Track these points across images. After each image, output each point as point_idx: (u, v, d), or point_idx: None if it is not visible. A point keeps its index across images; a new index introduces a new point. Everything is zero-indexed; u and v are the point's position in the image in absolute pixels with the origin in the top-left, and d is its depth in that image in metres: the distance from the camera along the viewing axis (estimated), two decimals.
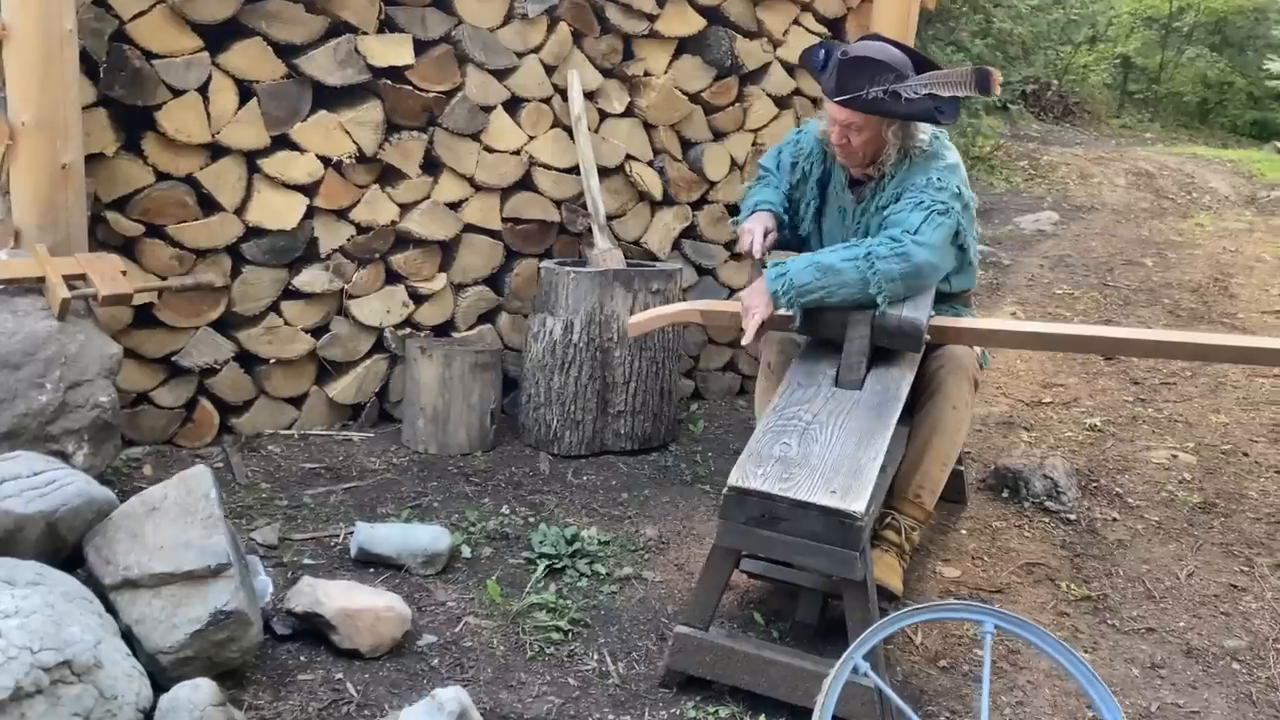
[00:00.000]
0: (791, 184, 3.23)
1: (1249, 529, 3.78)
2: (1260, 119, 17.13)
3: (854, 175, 3.10)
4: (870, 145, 2.95)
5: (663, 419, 4.02)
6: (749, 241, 3.07)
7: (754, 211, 3.16)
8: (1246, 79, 17.62)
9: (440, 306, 4.07)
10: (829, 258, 2.82)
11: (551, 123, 4.08)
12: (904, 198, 2.93)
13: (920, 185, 2.92)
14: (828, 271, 2.79)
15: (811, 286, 2.79)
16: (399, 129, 3.84)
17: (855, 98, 2.86)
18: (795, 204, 3.25)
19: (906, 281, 2.79)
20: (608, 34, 4.11)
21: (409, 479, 3.64)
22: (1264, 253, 8.64)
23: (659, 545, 3.33)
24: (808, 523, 2.41)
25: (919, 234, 2.83)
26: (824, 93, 2.96)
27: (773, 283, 2.82)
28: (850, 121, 2.90)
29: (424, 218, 3.93)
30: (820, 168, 3.17)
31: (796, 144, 3.27)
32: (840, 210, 3.15)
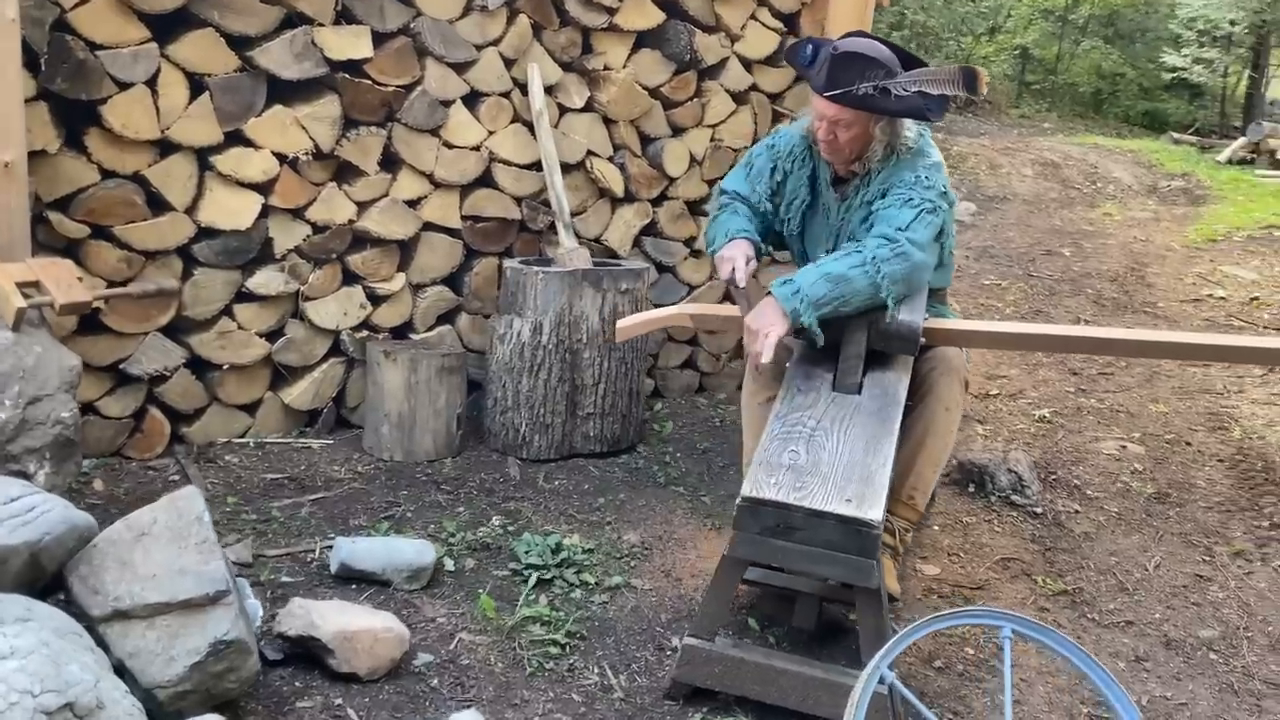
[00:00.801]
0: (772, 190, 3.18)
1: (1203, 518, 3.89)
2: (1151, 109, 17.79)
3: (838, 173, 3.08)
4: (857, 142, 2.93)
5: (631, 420, 3.96)
6: (729, 269, 3.01)
7: (732, 239, 3.09)
8: (1137, 70, 18.27)
9: (399, 308, 3.94)
10: (836, 267, 2.78)
11: (511, 118, 3.98)
12: (891, 194, 2.91)
13: (909, 182, 2.91)
14: (839, 281, 2.75)
15: (827, 298, 2.74)
16: (357, 124, 3.70)
17: (845, 93, 2.82)
18: (776, 209, 3.21)
19: (908, 281, 2.80)
20: (567, 27, 4.02)
21: (378, 488, 3.52)
22: (1172, 242, 8.94)
23: (643, 551, 3.28)
24: (824, 532, 2.38)
25: (911, 231, 2.82)
26: (812, 88, 2.92)
27: (789, 300, 2.75)
28: (839, 117, 2.87)
29: (382, 216, 3.80)
30: (808, 165, 3.13)
31: (772, 148, 3.23)
32: (825, 208, 3.13)
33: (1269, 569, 3.54)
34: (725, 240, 3.10)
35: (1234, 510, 3.98)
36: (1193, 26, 15.33)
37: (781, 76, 4.47)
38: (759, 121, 4.44)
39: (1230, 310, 6.92)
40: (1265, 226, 9.23)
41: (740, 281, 2.98)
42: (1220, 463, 4.45)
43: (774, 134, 3.26)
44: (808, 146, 3.13)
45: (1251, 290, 7.42)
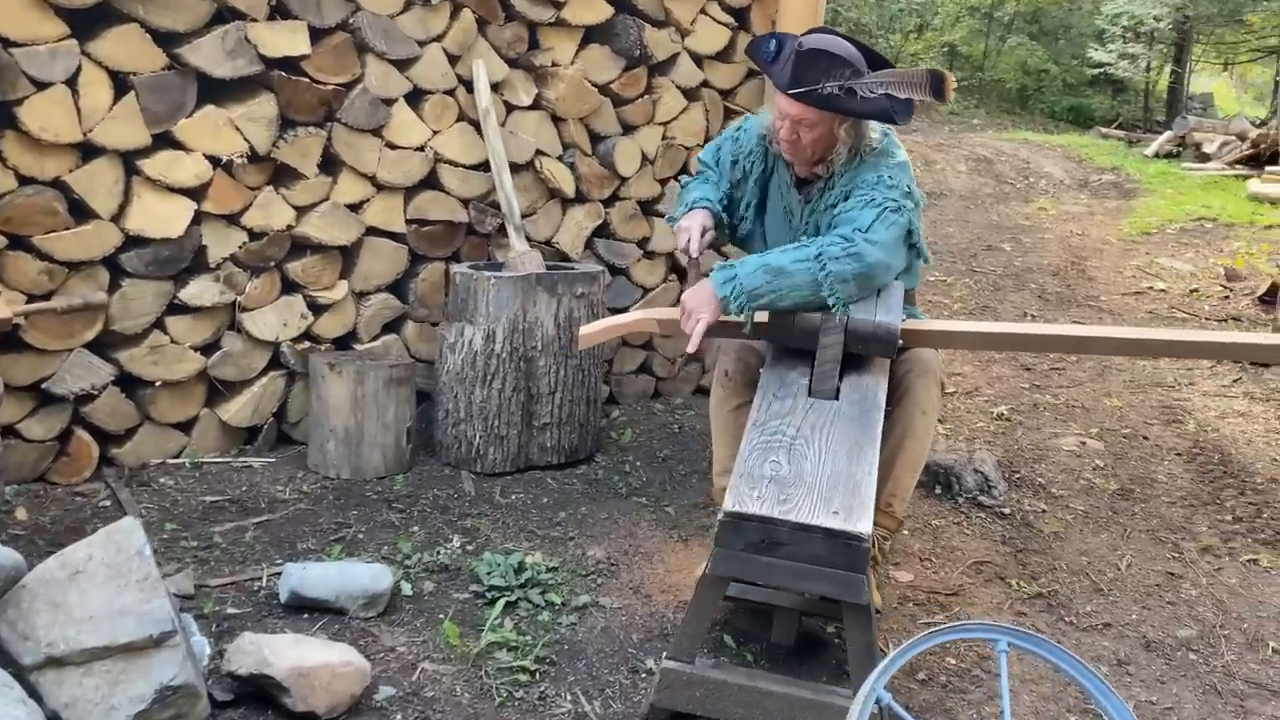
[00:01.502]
0: (732, 183, 3.06)
1: (1167, 514, 3.86)
2: (1076, 105, 18.07)
3: (800, 174, 2.96)
4: (821, 143, 2.80)
5: (589, 429, 3.81)
6: (685, 240, 2.87)
7: (691, 208, 2.97)
8: (1061, 67, 18.56)
9: (341, 317, 3.76)
10: (779, 259, 2.65)
11: (456, 116, 3.81)
12: (854, 195, 2.79)
13: (871, 183, 2.78)
14: (778, 274, 2.62)
15: (762, 290, 2.62)
16: (294, 125, 3.50)
17: (810, 92, 2.70)
18: (735, 203, 3.09)
19: (859, 282, 2.66)
20: (513, 22, 3.87)
21: (326, 509, 3.33)
22: (1108, 235, 9.03)
23: (609, 568, 3.13)
24: (811, 546, 2.26)
25: (870, 232, 2.69)
26: (775, 85, 2.79)
27: (721, 287, 2.63)
28: (802, 117, 2.74)
29: (323, 221, 3.61)
30: (761, 165, 3.01)
31: (736, 140, 3.09)
32: (785, 210, 3.01)
33: (1237, 564, 3.51)
34: (685, 210, 2.97)
35: (1197, 505, 3.96)
36: (1117, 22, 15.60)
37: (733, 72, 4.36)
38: (711, 118, 4.32)
39: (1172, 302, 6.98)
40: (1196, 219, 9.37)
41: (694, 251, 2.85)
42: (1179, 456, 4.44)
43: (743, 121, 3.12)
44: (765, 148, 3.00)
45: (1189, 282, 7.50)
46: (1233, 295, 7.03)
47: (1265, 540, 3.70)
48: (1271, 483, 4.18)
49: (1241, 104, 20.83)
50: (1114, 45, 15.72)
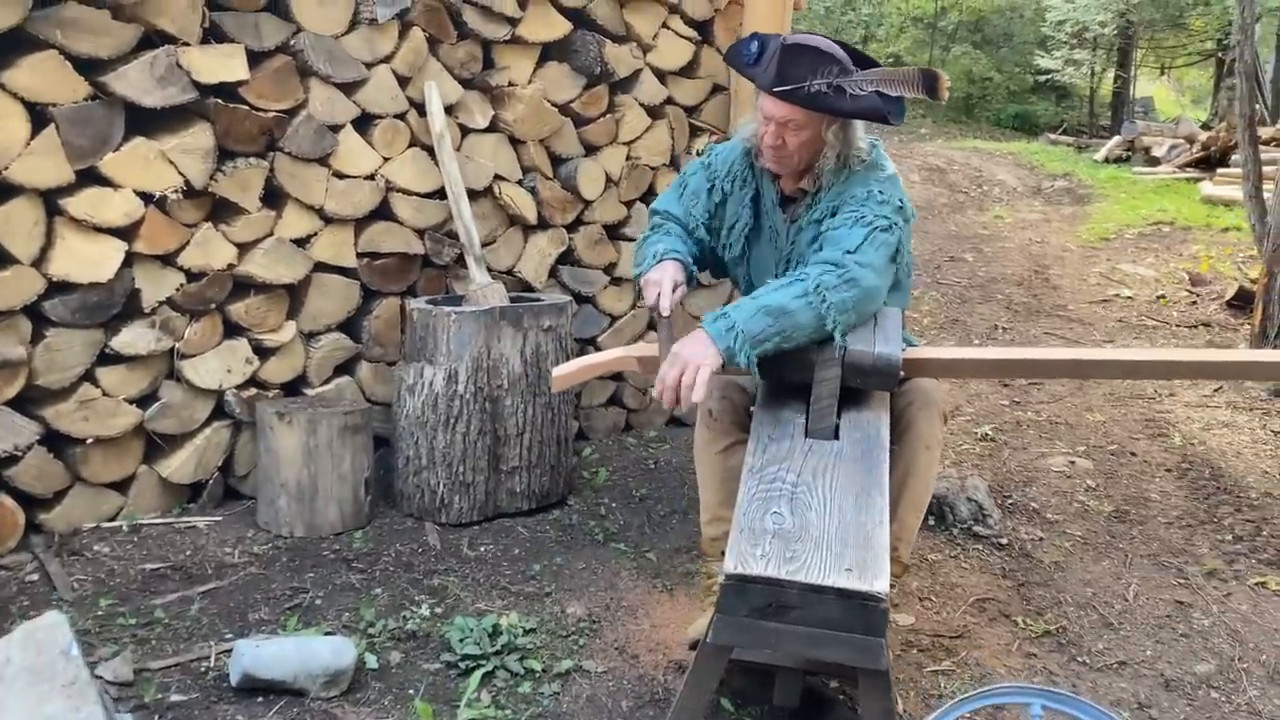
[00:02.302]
0: (710, 211, 2.85)
1: (1167, 536, 3.70)
2: (1021, 112, 18.15)
3: (786, 192, 2.76)
4: (808, 148, 2.60)
5: (560, 471, 3.58)
6: (654, 295, 2.64)
7: (660, 259, 2.73)
8: (1005, 74, 18.65)
9: (289, 360, 3.49)
10: (776, 298, 2.43)
11: (409, 141, 3.57)
12: (842, 212, 2.59)
13: (860, 198, 2.59)
14: (780, 315, 2.40)
15: (765, 334, 2.39)
16: (233, 156, 3.25)
17: (797, 90, 2.50)
18: (715, 232, 2.88)
19: (858, 309, 2.47)
20: (466, 40, 3.64)
21: (279, 572, 3.06)
22: (1067, 242, 8.96)
23: (591, 626, 2.89)
24: (823, 609, 2.04)
25: (860, 254, 2.49)
26: (759, 86, 2.59)
27: (722, 338, 2.39)
28: (789, 118, 2.54)
29: (267, 258, 3.35)
30: (750, 185, 2.80)
31: (707, 167, 2.88)
32: (772, 230, 2.80)
33: (1245, 588, 3.35)
34: (652, 262, 2.73)
35: (1195, 525, 3.80)
36: (1062, 29, 15.68)
37: (698, 88, 4.16)
38: (676, 137, 4.12)
39: (1140, 310, 6.89)
40: (1153, 223, 9.34)
41: (665, 309, 2.62)
42: (1169, 472, 4.29)
43: (709, 151, 2.91)
44: (749, 164, 2.80)
45: (1154, 288, 7.42)
46: (1200, 300, 6.95)
47: (1269, 560, 3.55)
48: (1267, 498, 4.04)
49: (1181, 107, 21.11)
50: (1059, 51, 15.80)
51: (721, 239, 2.87)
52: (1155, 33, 16.10)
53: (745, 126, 2.79)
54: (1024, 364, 2.76)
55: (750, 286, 2.87)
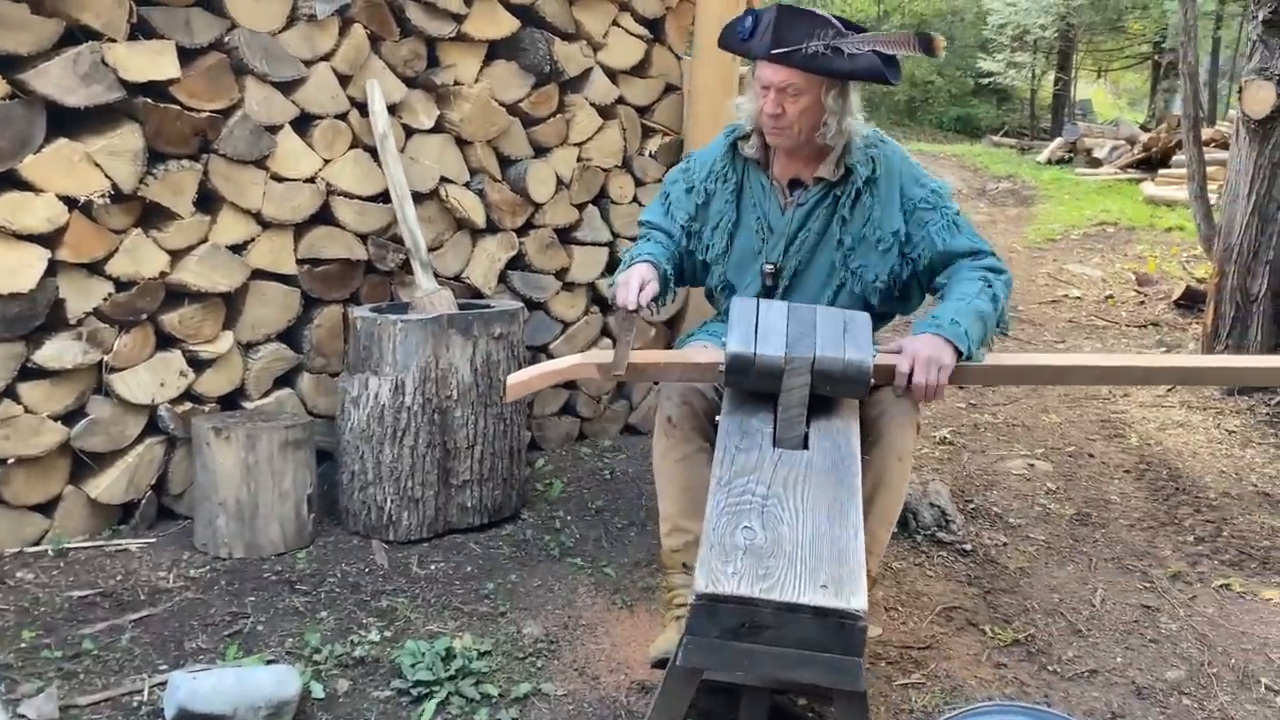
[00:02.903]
0: (690, 214, 2.83)
1: (1129, 538, 3.66)
2: (962, 114, 18.32)
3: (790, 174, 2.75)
4: (808, 115, 2.61)
5: (513, 484, 3.45)
6: (624, 294, 2.59)
7: (633, 263, 2.71)
8: (946, 78, 18.81)
9: (227, 372, 3.32)
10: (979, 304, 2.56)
11: (350, 143, 3.42)
12: (925, 220, 2.69)
13: (930, 201, 2.71)
14: (987, 319, 2.57)
15: (984, 338, 2.58)
16: (164, 158, 3.08)
17: (795, 52, 2.52)
18: (697, 235, 2.85)
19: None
20: (409, 37, 3.50)
21: (217, 597, 2.90)
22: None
23: (549, 647, 2.77)
24: (798, 629, 1.94)
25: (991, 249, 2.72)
26: (755, 55, 2.62)
27: (962, 340, 2.49)
28: (789, 82, 2.56)
29: (201, 265, 3.18)
30: (733, 179, 2.79)
31: (686, 171, 2.89)
32: (759, 221, 2.75)
33: (1210, 590, 3.31)
34: (628, 265, 2.71)
35: (1156, 526, 3.77)
36: (1004, 31, 15.83)
37: (650, 88, 4.05)
38: (628, 138, 4.00)
39: (1089, 310, 6.91)
40: (1097, 224, 9.42)
41: (630, 303, 2.56)
42: (1127, 473, 4.27)
43: (687, 158, 2.93)
44: (731, 158, 2.80)
45: (1102, 288, 7.46)
46: (1148, 300, 6.99)
47: (1231, 561, 3.52)
48: (1225, 498, 4.03)
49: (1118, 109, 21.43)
50: (1001, 54, 15.94)
51: (704, 239, 2.85)
52: (1093, 36, 16.31)
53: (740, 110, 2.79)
54: (1007, 371, 2.70)
55: (728, 285, 2.81)
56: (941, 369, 2.45)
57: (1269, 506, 3.96)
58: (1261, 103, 4.70)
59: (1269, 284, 4.90)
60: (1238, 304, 5.00)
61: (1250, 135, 4.82)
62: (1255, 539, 3.68)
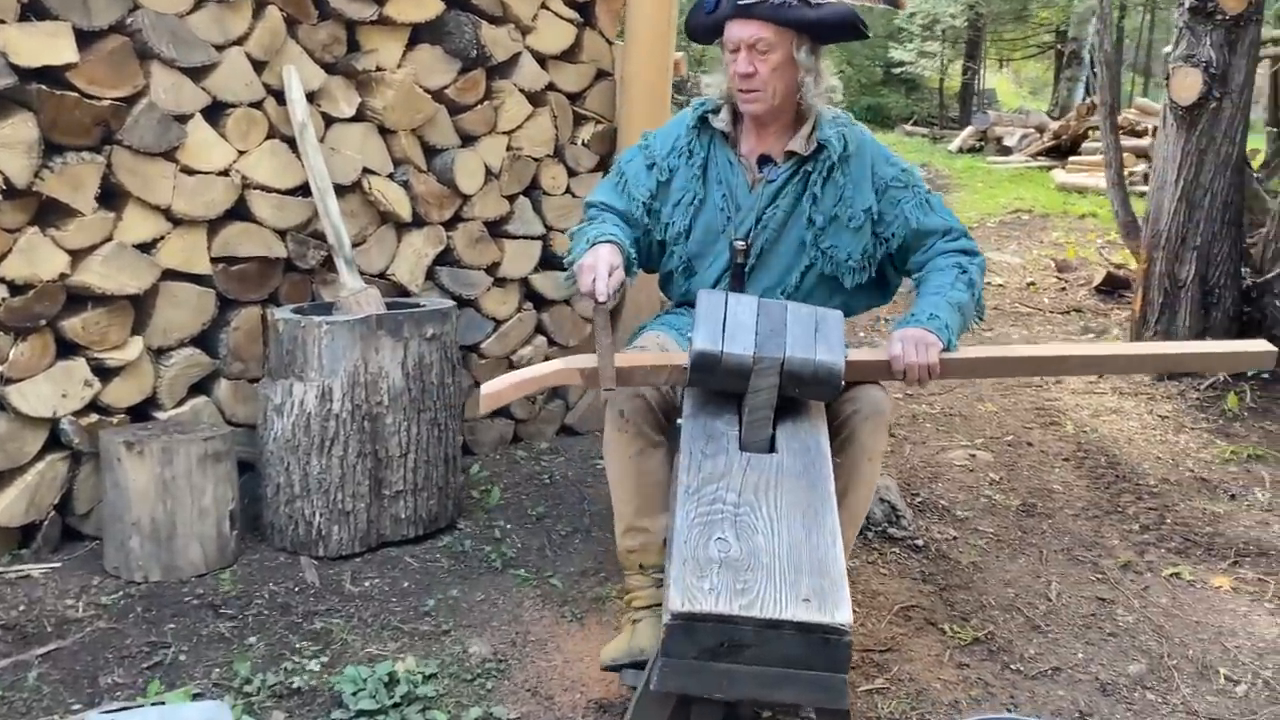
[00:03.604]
0: (651, 191, 2.67)
1: (1076, 528, 3.63)
2: (873, 104, 18.47)
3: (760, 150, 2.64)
4: (782, 75, 2.52)
5: (448, 492, 3.27)
6: (590, 280, 2.39)
7: (595, 244, 2.50)
8: (855, 68, 18.95)
9: (136, 381, 3.08)
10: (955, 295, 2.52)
11: (266, 132, 3.20)
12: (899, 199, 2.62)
13: (902, 180, 2.65)
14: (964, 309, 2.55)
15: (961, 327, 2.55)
16: (62, 150, 2.83)
17: (761, 3, 2.45)
18: (656, 213, 2.69)
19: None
20: (328, 20, 3.29)
21: (134, 626, 2.67)
22: None
23: (498, 666, 2.61)
24: (781, 646, 1.82)
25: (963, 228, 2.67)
26: (723, 17, 2.53)
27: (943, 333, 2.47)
28: (759, 36, 2.48)
29: (106, 266, 2.94)
30: (700, 154, 2.66)
31: (646, 148, 2.74)
32: (725, 199, 2.63)
33: (1160, 580, 3.29)
34: (586, 247, 2.50)
35: (1101, 515, 3.75)
36: (913, 21, 15.97)
37: (581, 74, 3.89)
38: (559, 125, 3.84)
39: (1013, 297, 6.95)
40: (1012, 211, 9.52)
41: (601, 294, 2.36)
42: (1066, 461, 4.25)
43: (644, 137, 2.77)
44: (696, 133, 2.67)
45: (1023, 275, 7.51)
46: (1069, 287, 7.05)
47: (1177, 549, 3.51)
48: (1164, 484, 4.03)
49: (1021, 98, 21.85)
50: (912, 44, 16.09)
51: (664, 218, 2.69)
52: (1000, 25, 16.56)
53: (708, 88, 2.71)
54: (977, 363, 2.62)
55: (688, 266, 2.68)
56: (930, 347, 2.43)
57: (1207, 492, 3.97)
58: (1189, 89, 4.72)
59: (1196, 270, 4.94)
60: (1166, 290, 5.03)
61: (1178, 122, 4.84)
62: (1198, 525, 3.67)
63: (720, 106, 2.65)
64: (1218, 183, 4.85)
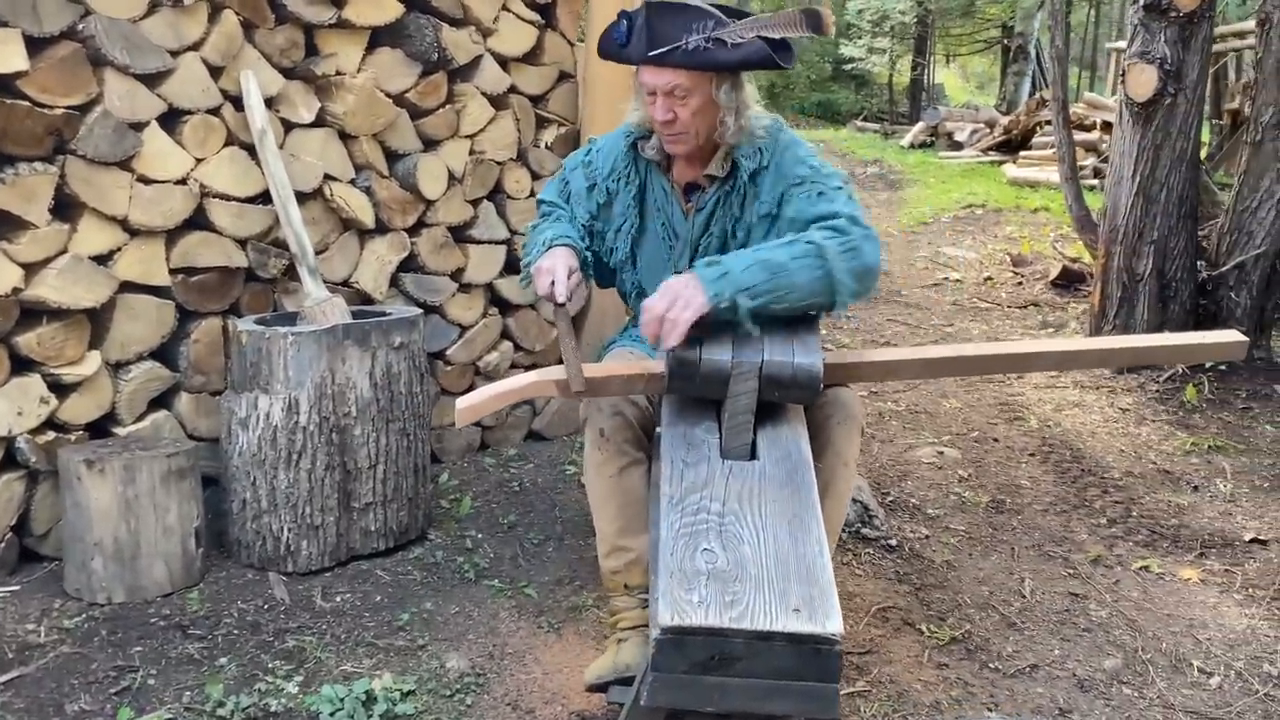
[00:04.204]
0: (592, 213, 2.60)
1: (1045, 524, 3.65)
2: (823, 100, 18.55)
3: (686, 180, 2.52)
4: (703, 116, 2.37)
5: (419, 503, 3.22)
6: (548, 282, 2.38)
7: (550, 247, 2.47)
8: (805, 64, 19.02)
9: (94, 396, 3.00)
10: (774, 254, 2.21)
11: (225, 140, 3.13)
12: (795, 196, 2.40)
13: (808, 177, 2.41)
14: (778, 271, 2.18)
15: (760, 289, 2.17)
16: (13, 160, 2.75)
17: (674, 50, 2.28)
18: (600, 235, 2.63)
19: (864, 282, 2.29)
20: (285, 24, 3.22)
21: (99, 649, 2.59)
22: (889, 227, 9.09)
23: (477, 681, 2.56)
24: (772, 658, 1.80)
25: (857, 219, 2.31)
26: (634, 61, 2.37)
27: (712, 284, 2.15)
28: (674, 83, 2.32)
29: (61, 279, 2.85)
30: (630, 181, 2.55)
31: (588, 165, 2.64)
32: (665, 227, 2.56)
33: (1131, 573, 3.32)
34: (542, 249, 2.46)
35: (1069, 510, 3.78)
36: (862, 17, 16.07)
37: (544, 76, 3.85)
38: (522, 128, 3.80)
39: (970, 292, 7.00)
40: (965, 206, 9.60)
41: (560, 296, 2.35)
42: (1032, 456, 4.28)
43: (589, 145, 2.67)
44: (633, 158, 2.56)
45: (979, 270, 7.57)
46: (1025, 281, 7.12)
47: (1144, 542, 3.54)
48: (1129, 477, 4.07)
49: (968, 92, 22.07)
50: (862, 40, 16.19)
51: (608, 242, 2.63)
52: (947, 21, 16.71)
53: (621, 128, 2.56)
54: (957, 361, 2.61)
55: (642, 293, 2.62)
56: (687, 305, 2.14)
57: (1170, 484, 4.02)
58: (1144, 86, 4.77)
59: (1154, 264, 5.00)
60: (1124, 284, 5.08)
61: (1134, 118, 4.90)
62: (1163, 518, 3.71)
63: (650, 133, 2.52)
64: (1173, 178, 4.92)
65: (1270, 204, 4.80)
